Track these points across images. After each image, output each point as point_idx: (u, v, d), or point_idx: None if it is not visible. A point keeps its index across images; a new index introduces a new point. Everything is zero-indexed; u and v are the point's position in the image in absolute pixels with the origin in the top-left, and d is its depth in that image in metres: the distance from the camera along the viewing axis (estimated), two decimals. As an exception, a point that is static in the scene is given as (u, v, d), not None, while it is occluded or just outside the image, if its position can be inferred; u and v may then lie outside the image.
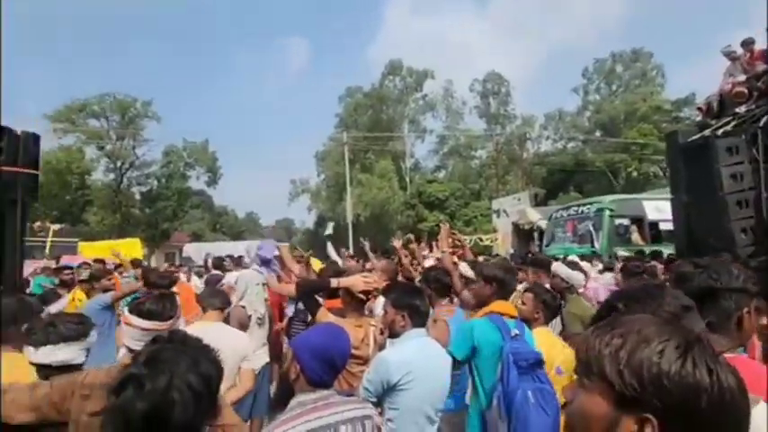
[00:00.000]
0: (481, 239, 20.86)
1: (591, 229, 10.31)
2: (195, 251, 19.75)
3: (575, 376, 0.72)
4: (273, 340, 4.40)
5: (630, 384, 0.61)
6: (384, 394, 1.84)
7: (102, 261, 7.90)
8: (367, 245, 5.44)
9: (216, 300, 2.79)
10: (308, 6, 71.58)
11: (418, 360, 1.88)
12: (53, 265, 10.33)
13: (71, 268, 6.23)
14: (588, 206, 11.07)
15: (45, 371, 1.61)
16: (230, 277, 5.55)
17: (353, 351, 1.95)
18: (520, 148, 34.61)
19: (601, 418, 0.63)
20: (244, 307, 3.77)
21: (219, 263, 7.14)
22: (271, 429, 1.39)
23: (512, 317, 2.25)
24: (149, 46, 62.64)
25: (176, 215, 33.17)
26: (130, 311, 1.63)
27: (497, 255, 13.02)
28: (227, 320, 3.01)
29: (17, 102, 32.81)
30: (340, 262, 5.57)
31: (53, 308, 3.56)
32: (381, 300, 2.39)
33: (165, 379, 0.82)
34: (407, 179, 35.06)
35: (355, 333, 2.04)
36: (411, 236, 4.60)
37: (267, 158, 78.17)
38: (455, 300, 3.17)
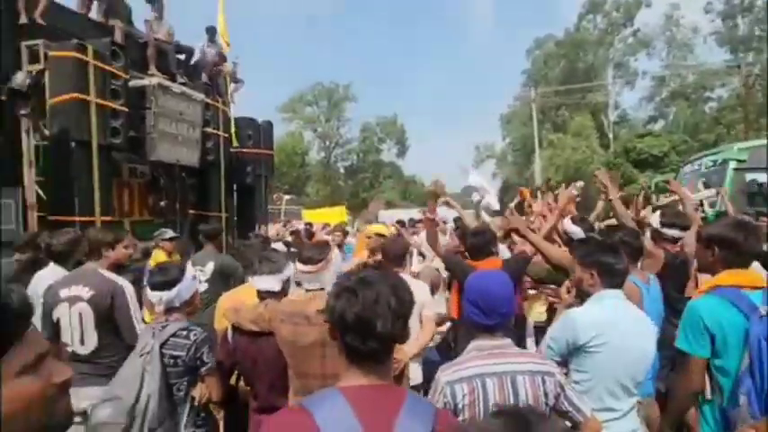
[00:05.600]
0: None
1: (701, 186, 7.65)
2: (389, 218, 22.24)
3: None
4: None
5: None
6: (570, 355, 1.69)
7: (310, 224, 9.63)
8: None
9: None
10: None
11: (612, 322, 1.65)
12: (285, 226, 13.17)
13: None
14: (712, 156, 8.28)
15: (260, 294, 2.08)
16: (419, 240, 6.01)
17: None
18: (786, 78, 25.23)
19: None
20: (437, 269, 4.01)
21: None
22: (445, 368, 1.46)
23: (755, 287, 1.70)
24: (344, 34, 70.02)
25: (372, 185, 37.38)
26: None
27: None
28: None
29: (258, 97, 42.37)
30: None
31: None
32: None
33: (372, 293, 1.00)
34: (611, 135, 30.12)
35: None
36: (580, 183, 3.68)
37: (452, 126, 78.88)
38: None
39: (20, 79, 4.46)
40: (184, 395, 2.02)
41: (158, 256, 4.62)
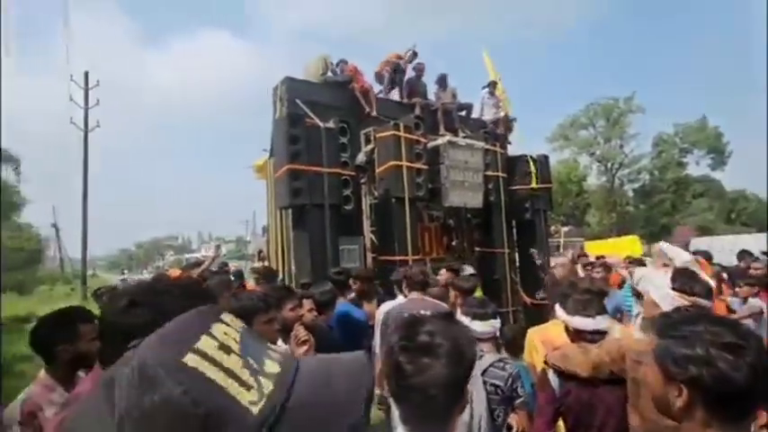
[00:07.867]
0: None
1: None
2: (706, 246, 17.35)
3: None
4: None
5: None
6: None
7: (602, 257, 8.62)
8: None
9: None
10: None
11: None
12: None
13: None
14: None
15: (578, 334, 2.00)
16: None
17: None
18: None
19: None
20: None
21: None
22: None
23: None
24: (621, 45, 62.24)
25: (676, 208, 30.56)
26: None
27: None
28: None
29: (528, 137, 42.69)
30: None
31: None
32: None
33: (750, 337, 0.89)
34: None
35: None
36: None
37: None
38: None
39: (360, 158, 6.17)
40: (502, 422, 2.20)
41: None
